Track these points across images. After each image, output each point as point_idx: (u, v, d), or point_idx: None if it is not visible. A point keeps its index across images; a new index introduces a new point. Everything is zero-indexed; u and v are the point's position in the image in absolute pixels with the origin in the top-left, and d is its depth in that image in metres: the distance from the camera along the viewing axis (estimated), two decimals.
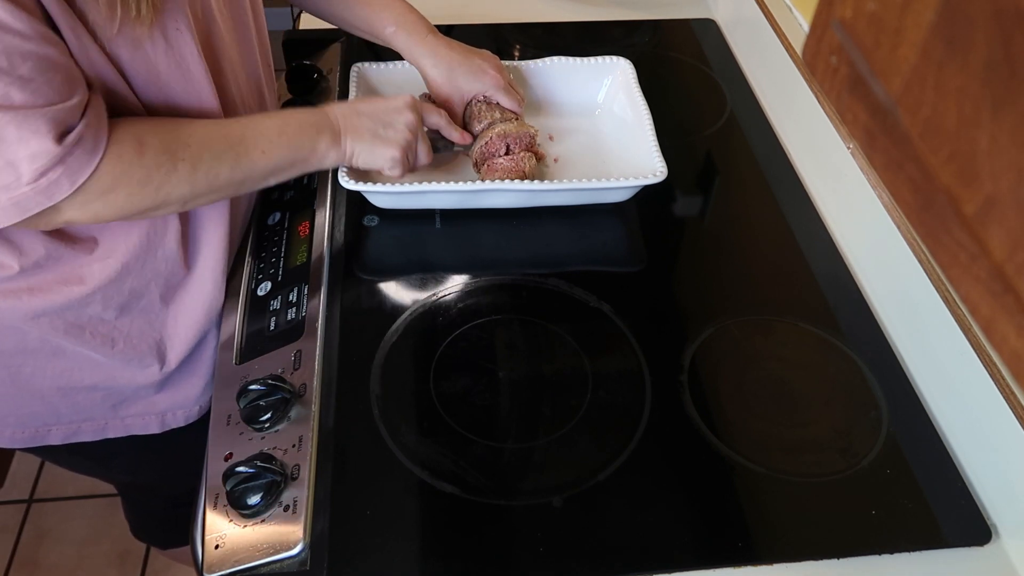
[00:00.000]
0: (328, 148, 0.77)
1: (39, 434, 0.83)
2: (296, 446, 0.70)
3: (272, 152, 0.73)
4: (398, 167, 0.82)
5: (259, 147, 0.72)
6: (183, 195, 0.69)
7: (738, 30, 1.23)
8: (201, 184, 0.69)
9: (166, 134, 0.67)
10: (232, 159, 0.70)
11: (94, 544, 1.57)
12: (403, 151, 0.81)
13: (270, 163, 0.73)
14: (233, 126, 0.72)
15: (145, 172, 0.65)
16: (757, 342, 0.83)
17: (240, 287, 0.85)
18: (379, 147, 0.79)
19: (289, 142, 0.74)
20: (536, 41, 1.23)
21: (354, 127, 0.78)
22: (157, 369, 0.81)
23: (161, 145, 0.66)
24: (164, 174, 0.66)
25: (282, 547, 0.64)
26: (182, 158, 0.67)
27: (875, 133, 0.35)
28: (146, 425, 0.85)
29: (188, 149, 0.68)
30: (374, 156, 0.80)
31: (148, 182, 0.66)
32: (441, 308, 0.84)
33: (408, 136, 0.81)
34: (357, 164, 0.80)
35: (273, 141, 0.73)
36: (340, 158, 0.79)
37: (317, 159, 0.77)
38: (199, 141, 0.68)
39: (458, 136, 0.91)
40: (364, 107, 0.80)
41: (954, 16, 0.29)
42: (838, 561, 0.67)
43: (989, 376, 0.70)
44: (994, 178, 0.28)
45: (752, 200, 1.00)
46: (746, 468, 0.72)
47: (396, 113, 0.81)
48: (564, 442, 0.73)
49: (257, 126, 0.73)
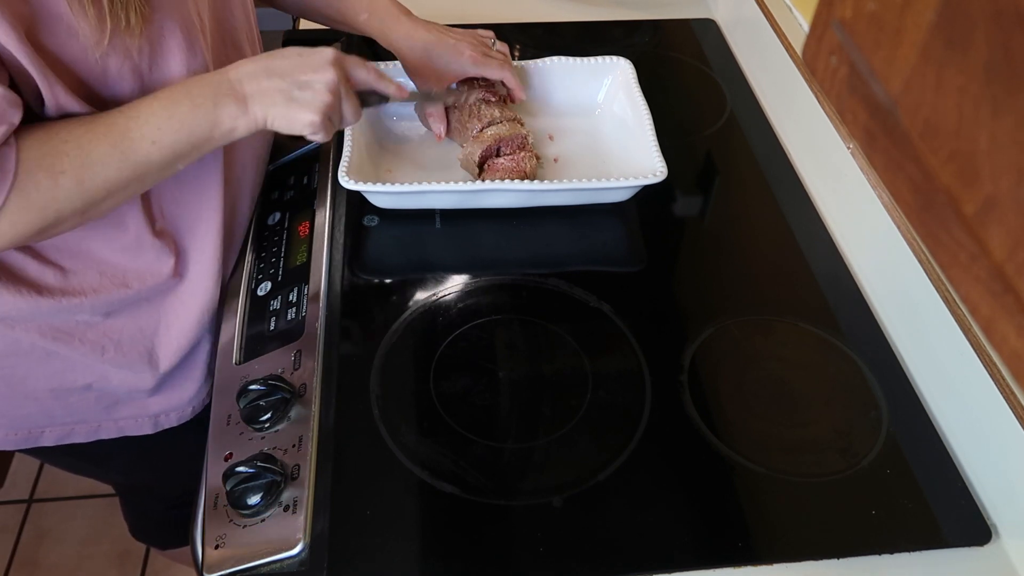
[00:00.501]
0: (234, 119, 0.68)
1: (32, 435, 0.83)
2: (296, 446, 0.70)
3: (164, 140, 0.65)
4: (319, 131, 0.72)
5: (147, 138, 0.64)
6: (76, 207, 0.63)
7: (738, 30, 1.23)
8: (92, 191, 0.63)
9: (41, 145, 0.61)
10: (118, 159, 0.64)
11: (94, 544, 1.57)
12: (323, 114, 0.71)
13: (165, 151, 0.65)
14: (116, 119, 0.64)
15: (23, 194, 0.60)
16: (757, 342, 0.83)
17: (240, 287, 0.85)
18: (295, 111, 0.70)
19: (182, 125, 0.65)
20: (536, 41, 1.23)
21: (263, 91, 0.69)
22: (149, 375, 0.81)
23: (36, 160, 0.60)
24: (46, 191, 0.61)
25: (282, 547, 0.64)
26: (61, 170, 0.61)
27: (875, 133, 0.35)
28: (139, 426, 0.85)
29: (66, 158, 0.61)
30: (290, 122, 0.70)
31: (30, 203, 0.61)
32: (441, 308, 0.84)
33: (327, 98, 0.71)
34: (273, 128, 0.71)
35: (163, 128, 0.65)
36: (252, 125, 0.69)
37: (223, 133, 0.68)
38: (77, 146, 0.62)
39: (393, 89, 0.80)
40: (277, 64, 0.70)
41: (954, 16, 0.29)
42: (838, 561, 0.67)
43: (989, 376, 0.70)
44: (994, 178, 0.28)
45: (752, 200, 1.00)
46: (746, 468, 0.72)
47: (313, 71, 0.71)
48: (564, 442, 0.73)
49: (142, 114, 0.64)
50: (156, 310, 0.79)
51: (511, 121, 0.93)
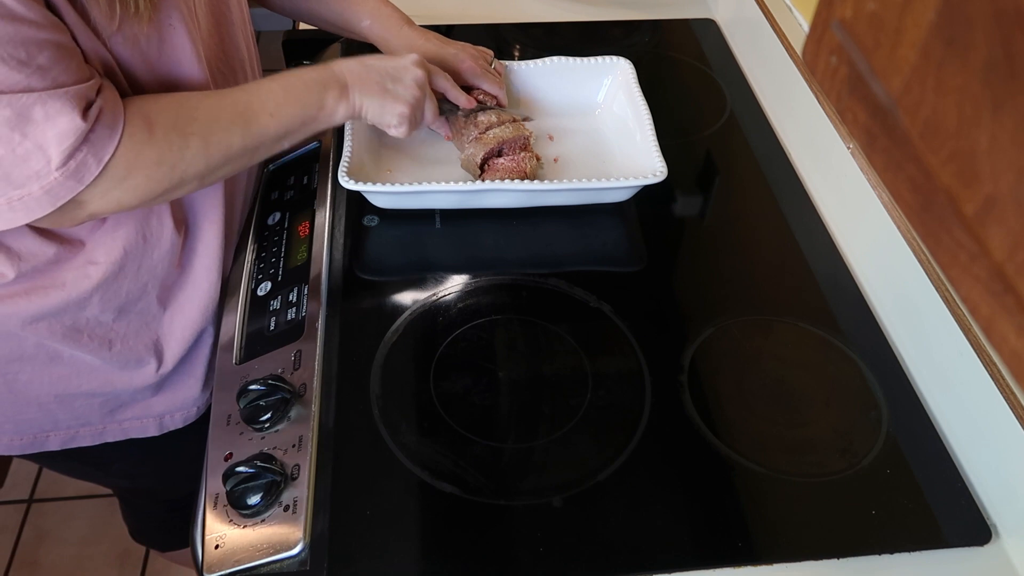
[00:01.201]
0: (336, 103, 0.76)
1: (37, 440, 0.83)
2: (296, 446, 0.70)
3: (280, 114, 0.72)
4: (405, 123, 0.81)
5: (266, 111, 0.71)
6: (199, 170, 0.68)
7: (738, 30, 1.23)
8: (216, 156, 0.69)
9: (172, 110, 0.67)
10: (242, 126, 0.70)
11: (94, 544, 1.57)
12: (412, 108, 0.80)
13: (280, 125, 0.72)
14: (238, 94, 0.71)
15: (158, 151, 0.65)
16: (757, 342, 0.83)
17: (240, 287, 0.85)
18: (388, 102, 0.79)
19: (296, 101, 0.73)
20: (536, 41, 1.24)
21: (362, 81, 0.77)
22: (154, 370, 0.81)
23: (169, 122, 0.66)
24: (177, 150, 0.66)
25: (282, 547, 0.64)
26: (192, 132, 0.67)
27: (875, 133, 0.35)
28: (144, 428, 0.85)
29: (196, 123, 0.67)
30: (383, 111, 0.79)
31: (162, 161, 0.65)
32: (441, 308, 0.84)
33: (417, 92, 0.81)
34: (366, 118, 0.79)
35: (279, 103, 0.72)
36: (349, 112, 0.77)
37: (326, 115, 0.76)
38: (206, 113, 0.68)
39: (464, 100, 0.91)
40: (373, 62, 0.79)
41: (954, 16, 0.29)
42: (838, 561, 0.67)
43: (989, 376, 0.70)
44: (994, 178, 0.28)
45: (752, 200, 1.00)
46: (746, 468, 0.72)
47: (405, 69, 0.81)
48: (564, 442, 0.73)
49: (261, 90, 0.72)
50: (162, 304, 0.80)
51: (512, 123, 0.94)
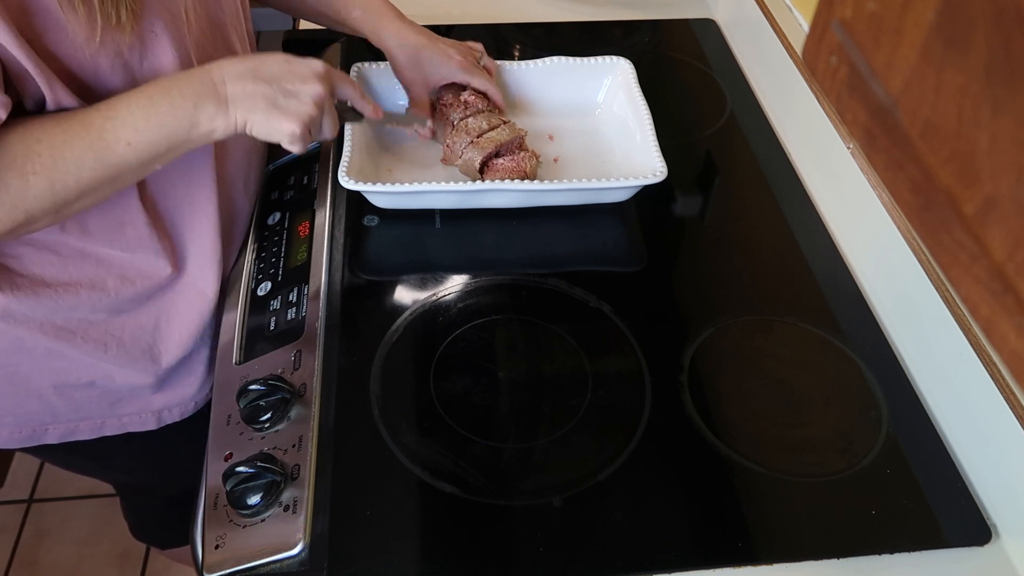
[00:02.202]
0: (211, 120, 0.66)
1: (36, 433, 0.83)
2: (296, 446, 0.70)
3: (140, 141, 0.64)
4: (297, 143, 0.71)
5: (123, 139, 0.63)
6: (46, 207, 0.62)
7: (738, 30, 1.23)
8: (64, 192, 0.62)
9: (12, 145, 0.60)
10: (92, 159, 0.62)
11: (94, 544, 1.57)
12: (304, 126, 0.70)
13: (141, 153, 0.64)
14: (93, 117, 0.63)
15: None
16: (757, 342, 0.83)
17: (240, 287, 0.85)
18: (276, 119, 0.69)
19: (160, 125, 0.64)
20: (536, 41, 1.23)
21: (247, 94, 0.68)
22: (152, 372, 0.81)
23: (6, 160, 0.60)
24: (15, 191, 0.60)
25: (282, 547, 0.64)
26: (32, 172, 0.60)
27: (875, 133, 0.35)
28: (143, 422, 0.85)
29: (38, 159, 0.60)
30: (271, 129, 0.69)
31: (1, 203, 0.60)
32: (441, 308, 0.84)
33: (311, 111, 0.71)
34: (251, 133, 0.70)
35: (140, 128, 0.63)
36: (230, 129, 0.68)
37: (200, 135, 0.67)
38: (50, 146, 0.61)
39: (370, 110, 0.82)
40: (265, 69, 0.69)
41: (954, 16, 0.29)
42: (838, 561, 0.67)
43: (989, 376, 0.70)
44: (994, 178, 0.28)
45: (752, 200, 1.00)
46: (746, 468, 0.72)
47: (301, 82, 0.70)
48: (564, 442, 0.73)
49: (120, 114, 0.63)
50: (156, 306, 0.80)
51: (505, 124, 0.93)
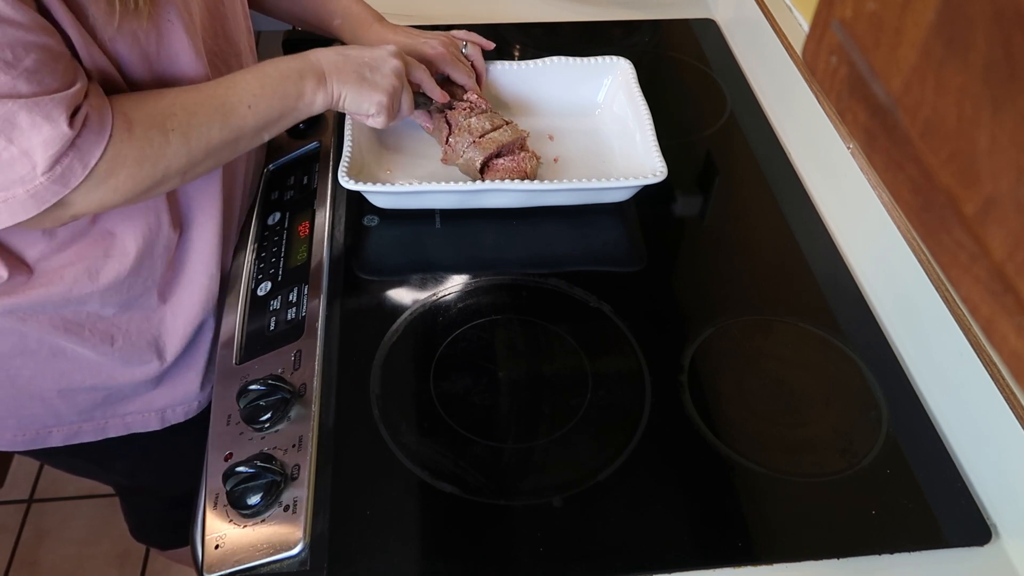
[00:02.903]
0: (314, 92, 0.76)
1: (40, 436, 0.83)
2: (296, 446, 0.70)
3: (258, 105, 0.72)
4: (383, 113, 0.81)
5: (244, 103, 0.71)
6: (181, 165, 0.68)
7: (738, 30, 1.23)
8: (196, 150, 0.69)
9: (151, 108, 0.66)
10: (220, 119, 0.70)
11: (94, 544, 1.57)
12: (390, 96, 0.80)
13: (259, 117, 0.72)
14: (215, 88, 0.71)
15: (139, 150, 0.65)
16: (757, 342, 0.83)
17: (240, 287, 0.85)
18: (366, 90, 0.78)
19: (273, 93, 0.73)
20: (536, 41, 1.23)
21: (340, 69, 0.77)
22: (155, 365, 0.82)
23: (148, 119, 0.66)
24: (158, 147, 0.66)
25: (282, 547, 0.64)
26: (171, 128, 0.67)
27: (875, 133, 0.35)
28: (146, 422, 0.85)
29: (175, 118, 0.67)
30: (361, 99, 0.79)
31: (144, 159, 0.65)
32: (441, 308, 0.84)
33: (395, 82, 0.81)
34: (344, 107, 0.79)
35: (256, 95, 0.72)
36: (328, 101, 0.77)
37: (305, 105, 0.76)
38: (184, 108, 0.68)
39: (439, 95, 0.91)
40: (351, 51, 0.80)
41: (954, 16, 0.29)
42: (838, 561, 0.67)
43: (989, 376, 0.70)
44: (994, 178, 0.28)
45: (752, 200, 1.00)
46: (746, 468, 0.72)
47: (383, 59, 0.81)
48: (564, 442, 0.73)
49: (238, 83, 0.72)
50: (162, 298, 0.80)
51: (507, 125, 0.93)
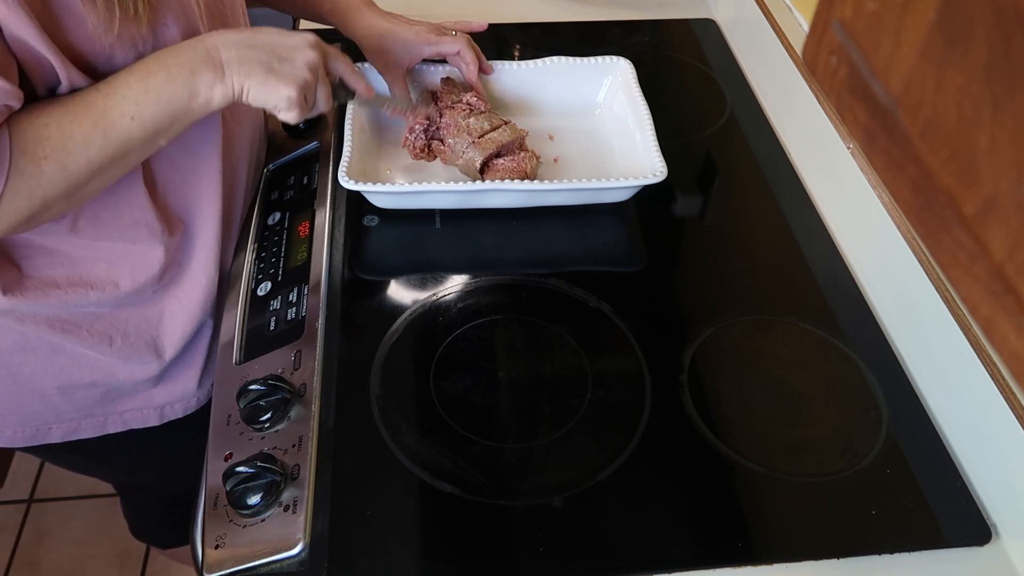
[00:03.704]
0: (210, 87, 0.67)
1: (40, 432, 0.83)
2: (296, 446, 0.70)
3: (143, 115, 0.64)
4: (294, 108, 0.72)
5: (126, 114, 0.64)
6: (61, 191, 0.63)
7: (738, 30, 1.23)
8: (76, 174, 0.63)
9: (21, 133, 0.61)
10: (100, 137, 0.63)
11: (94, 544, 1.57)
12: (300, 90, 0.71)
13: (146, 127, 0.65)
14: (94, 97, 0.64)
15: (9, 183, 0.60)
16: (757, 342, 0.83)
17: (240, 287, 0.85)
18: (273, 82, 0.70)
19: (159, 96, 0.65)
20: (536, 41, 1.23)
21: (242, 59, 0.69)
22: (155, 365, 0.82)
23: (18, 149, 0.60)
24: (31, 178, 0.61)
25: (282, 547, 0.64)
26: (44, 156, 0.61)
27: (875, 133, 0.35)
28: (145, 419, 0.86)
29: (48, 143, 0.61)
30: (267, 94, 0.70)
31: (17, 191, 0.61)
32: (441, 308, 0.84)
33: (307, 75, 0.72)
34: (248, 101, 0.70)
35: (140, 102, 0.64)
36: (228, 96, 0.69)
37: (200, 104, 0.68)
38: (58, 129, 0.62)
39: (363, 87, 0.84)
40: (260, 38, 0.71)
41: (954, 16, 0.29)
42: (838, 561, 0.67)
43: (989, 376, 0.70)
44: (994, 178, 0.28)
45: (752, 200, 1.00)
46: (746, 468, 0.72)
47: (295, 50, 0.72)
48: (564, 442, 0.73)
49: (119, 90, 0.64)
50: (160, 298, 0.80)
51: (506, 125, 0.93)
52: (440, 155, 0.94)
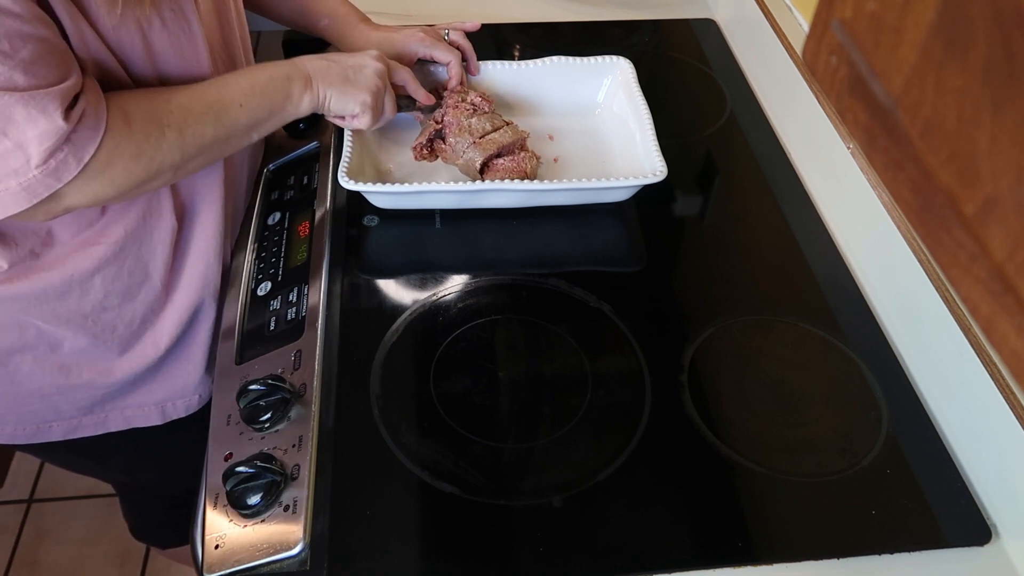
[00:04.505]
0: (301, 93, 0.79)
1: (40, 430, 0.83)
2: (296, 446, 0.70)
3: (249, 104, 0.74)
4: (368, 113, 0.84)
5: (236, 102, 0.73)
6: (175, 161, 0.70)
7: (738, 30, 1.23)
8: (190, 147, 0.70)
9: (147, 103, 0.68)
10: (213, 118, 0.72)
11: (94, 544, 1.57)
12: (374, 96, 0.83)
13: (249, 116, 0.75)
14: (207, 87, 0.73)
15: (136, 144, 0.66)
16: (757, 342, 0.83)
17: (240, 287, 0.85)
18: (350, 90, 0.82)
19: (262, 93, 0.76)
20: (536, 41, 1.23)
21: (325, 71, 0.81)
22: (152, 352, 0.82)
23: (145, 114, 0.67)
24: (154, 142, 0.67)
25: (282, 547, 0.64)
26: (167, 124, 0.68)
27: (875, 133, 0.35)
28: (147, 416, 0.86)
29: (171, 115, 0.69)
30: (346, 99, 0.82)
31: (141, 153, 0.67)
32: (441, 308, 0.84)
33: (378, 82, 0.84)
34: (329, 107, 0.82)
35: (247, 94, 0.74)
36: (314, 102, 0.80)
37: (293, 105, 0.79)
38: (179, 105, 0.69)
39: (423, 96, 0.94)
40: (336, 56, 0.83)
41: (954, 16, 0.29)
42: (838, 561, 0.67)
43: (989, 376, 0.70)
44: (994, 178, 0.28)
45: (752, 200, 1.00)
46: (746, 468, 0.72)
47: (365, 62, 0.84)
48: (564, 442, 0.73)
49: (229, 83, 0.74)
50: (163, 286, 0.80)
51: (507, 126, 0.93)
52: (441, 154, 0.94)
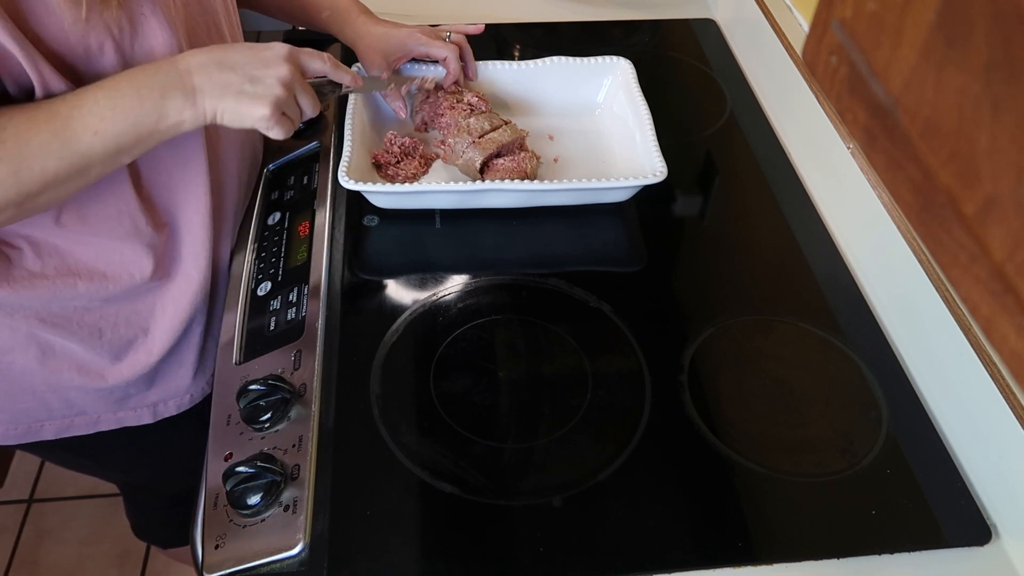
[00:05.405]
0: (180, 111, 0.66)
1: (32, 430, 0.83)
2: (296, 446, 0.70)
3: (107, 131, 0.63)
4: (275, 127, 0.71)
5: (89, 128, 0.62)
6: (11, 197, 0.61)
7: (738, 30, 1.23)
8: (29, 183, 0.61)
9: None
10: (58, 149, 0.61)
11: (94, 544, 1.57)
12: (275, 108, 0.70)
13: (108, 144, 0.63)
14: (58, 107, 0.62)
15: None
16: (757, 342, 0.83)
17: (240, 287, 0.85)
18: (246, 105, 0.69)
19: (126, 115, 0.63)
20: (536, 41, 1.23)
21: (213, 84, 0.67)
22: (144, 359, 0.82)
23: None
24: None
25: (282, 547, 0.64)
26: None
27: (875, 133, 0.35)
28: (139, 416, 0.85)
29: (3, 146, 0.59)
30: (240, 116, 0.69)
31: None
32: (441, 308, 0.84)
33: (279, 92, 0.70)
34: (225, 124, 0.69)
35: (106, 118, 0.63)
36: (199, 120, 0.68)
37: (169, 127, 0.66)
38: (15, 134, 0.60)
39: (348, 78, 0.82)
40: (228, 57, 0.69)
41: (954, 16, 0.29)
42: (838, 561, 0.67)
43: (989, 376, 0.70)
44: (994, 178, 0.28)
45: (752, 200, 1.00)
46: (746, 468, 0.72)
47: (264, 66, 0.70)
48: (564, 442, 0.73)
49: (85, 103, 0.62)
50: (151, 292, 0.80)
51: (506, 125, 0.93)
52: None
